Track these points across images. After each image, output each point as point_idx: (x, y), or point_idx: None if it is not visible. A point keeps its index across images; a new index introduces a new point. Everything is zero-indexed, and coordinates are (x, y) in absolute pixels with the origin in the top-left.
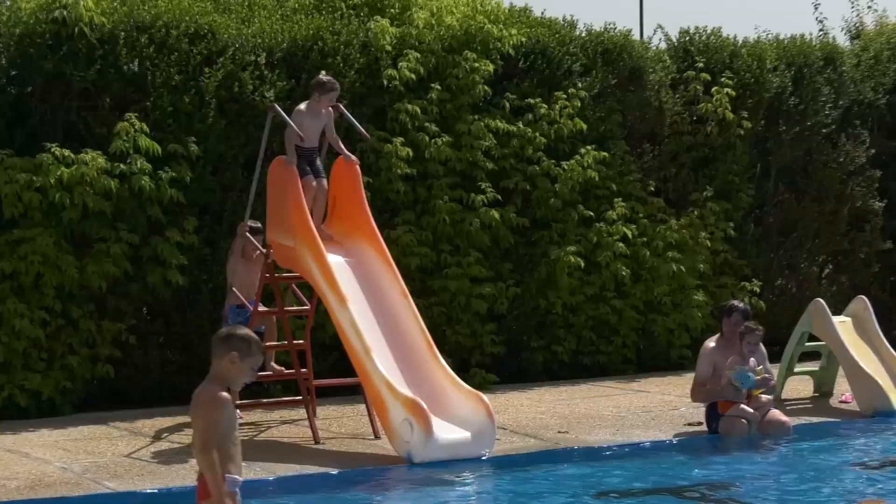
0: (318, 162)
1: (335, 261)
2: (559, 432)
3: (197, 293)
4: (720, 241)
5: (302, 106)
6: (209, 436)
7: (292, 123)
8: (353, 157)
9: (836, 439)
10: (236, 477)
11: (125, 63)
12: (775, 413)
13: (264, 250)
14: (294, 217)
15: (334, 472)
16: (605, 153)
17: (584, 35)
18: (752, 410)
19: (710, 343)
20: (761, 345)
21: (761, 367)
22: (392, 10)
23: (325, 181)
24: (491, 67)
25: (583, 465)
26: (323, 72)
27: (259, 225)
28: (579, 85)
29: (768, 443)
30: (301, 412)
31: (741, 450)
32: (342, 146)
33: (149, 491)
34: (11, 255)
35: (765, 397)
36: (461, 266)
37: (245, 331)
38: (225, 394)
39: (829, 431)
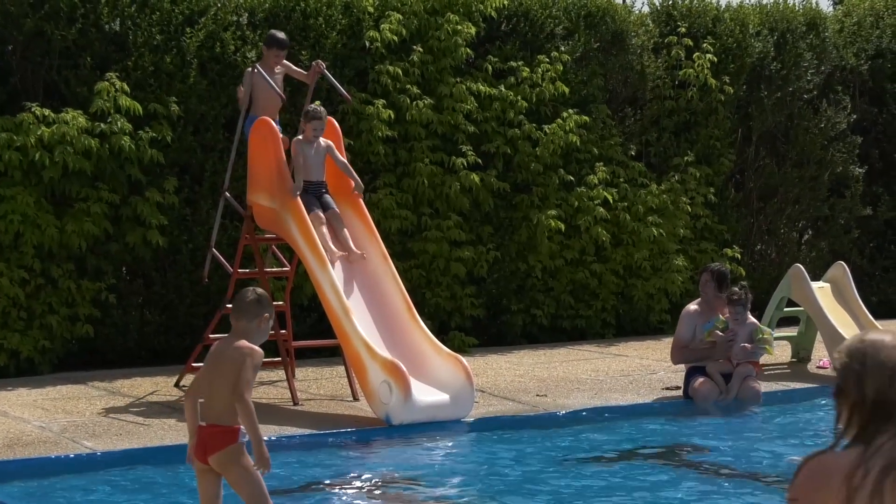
0: (327, 196)
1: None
2: (537, 395)
3: (177, 253)
4: (701, 205)
5: (300, 136)
6: (249, 384)
7: (274, 85)
8: (361, 185)
9: (813, 404)
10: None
11: (106, 22)
12: (749, 380)
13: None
14: (274, 178)
15: (312, 433)
16: (587, 117)
17: None
18: (720, 376)
19: (692, 306)
20: (750, 316)
21: (723, 318)
22: None
23: (337, 210)
24: (473, 30)
25: (561, 428)
26: (317, 103)
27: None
28: (562, 48)
29: (742, 408)
30: (280, 374)
31: (717, 415)
32: (351, 170)
33: (127, 450)
34: None
35: (744, 365)
36: (441, 229)
37: (268, 295)
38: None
39: (807, 396)
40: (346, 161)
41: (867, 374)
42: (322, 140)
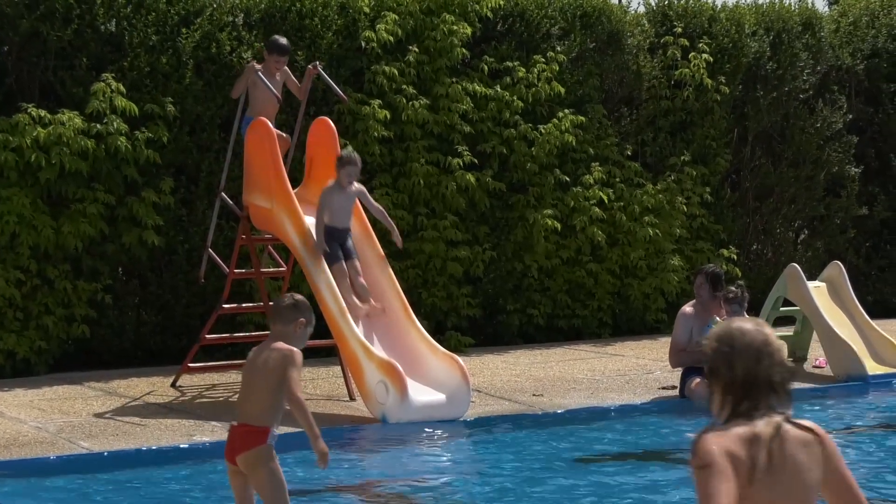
0: (350, 242)
1: (312, 222)
2: (534, 395)
3: (173, 254)
4: (697, 205)
5: (330, 182)
6: (297, 383)
7: (270, 86)
8: (399, 237)
9: (810, 404)
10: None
11: (102, 23)
12: None
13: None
14: (271, 179)
15: None
16: (583, 117)
17: None
18: None
19: (687, 308)
20: (746, 315)
21: (722, 318)
22: None
23: (357, 262)
24: (469, 30)
25: (557, 428)
26: (348, 147)
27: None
28: (557, 48)
29: None
30: None
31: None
32: (388, 218)
33: (123, 450)
34: None
35: None
36: (437, 229)
37: (306, 300)
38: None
39: (803, 396)
40: (381, 208)
41: (736, 356)
42: (354, 185)
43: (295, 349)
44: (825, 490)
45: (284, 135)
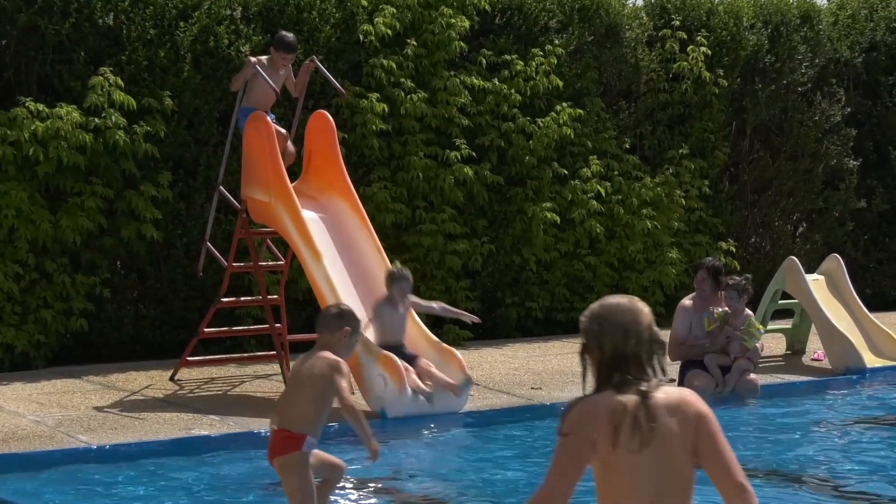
0: (407, 352)
1: (310, 216)
2: (532, 388)
3: (171, 247)
4: (695, 198)
5: (380, 298)
6: (346, 390)
7: (268, 79)
8: (472, 318)
9: (808, 397)
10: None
11: (100, 16)
12: (747, 374)
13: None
14: (269, 172)
15: None
16: (581, 110)
17: None
18: (717, 369)
19: (687, 301)
20: (746, 309)
21: (722, 310)
22: None
23: (422, 361)
24: (467, 23)
25: (555, 421)
26: (397, 262)
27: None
28: (555, 42)
29: (739, 401)
30: (275, 367)
31: (713, 407)
32: (448, 307)
33: (122, 444)
34: None
35: (743, 360)
36: (436, 222)
37: (352, 310)
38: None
39: (801, 389)
40: (437, 304)
41: (605, 334)
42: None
43: (339, 359)
44: (702, 461)
45: (283, 130)
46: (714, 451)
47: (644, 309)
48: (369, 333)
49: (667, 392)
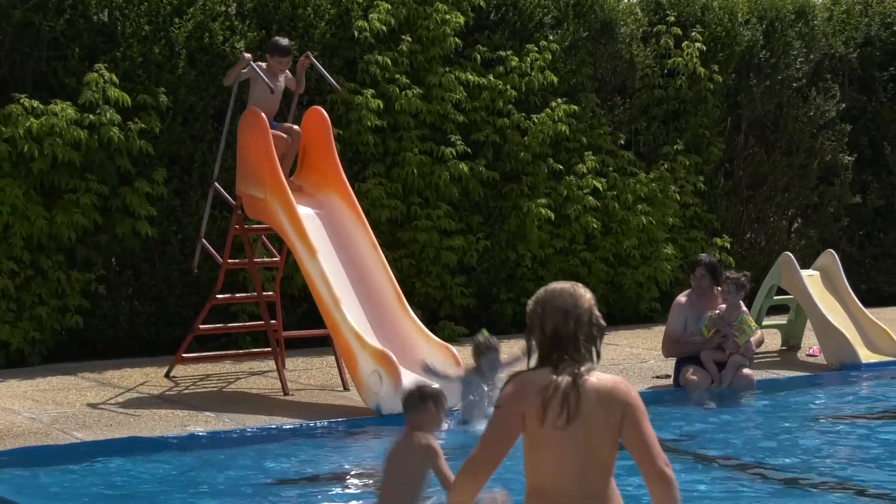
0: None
1: (305, 212)
2: None
3: (166, 244)
4: (690, 194)
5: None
6: (448, 471)
7: (263, 77)
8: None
9: (803, 392)
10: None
11: (95, 13)
12: (743, 369)
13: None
14: (264, 168)
15: (303, 423)
16: (576, 106)
17: None
18: (713, 364)
19: (682, 298)
20: (742, 304)
21: (717, 312)
22: None
23: None
24: (462, 19)
25: None
26: (486, 332)
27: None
28: (550, 37)
29: (734, 396)
30: (270, 364)
31: (708, 403)
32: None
33: (117, 440)
34: None
35: (738, 355)
36: (431, 218)
37: (432, 386)
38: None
39: (797, 384)
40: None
41: (546, 316)
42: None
43: (432, 443)
44: (626, 446)
45: (285, 136)
46: (638, 438)
47: (585, 294)
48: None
49: (599, 377)
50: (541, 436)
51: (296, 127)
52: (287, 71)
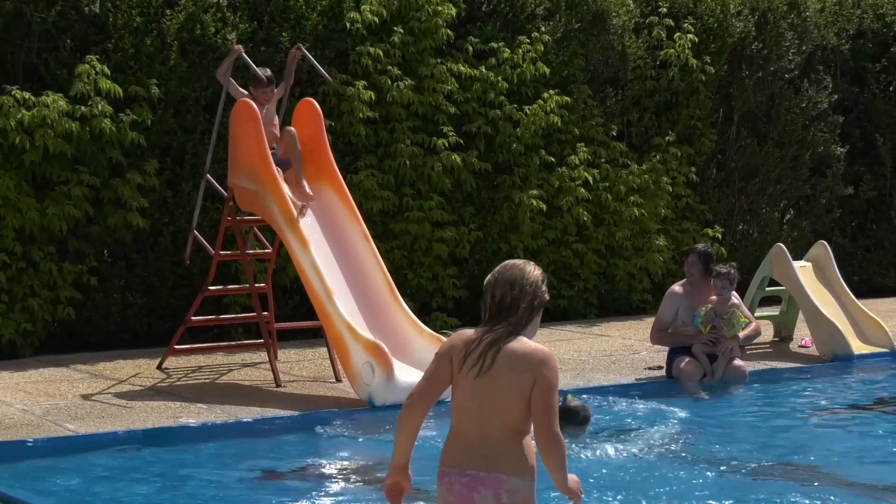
0: None
1: (297, 204)
2: None
3: (158, 236)
4: (682, 185)
5: None
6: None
7: (254, 67)
8: None
9: (796, 384)
10: None
11: (86, 4)
12: (735, 361)
13: None
14: (256, 160)
15: (295, 415)
16: (568, 98)
17: None
18: (705, 357)
19: (676, 287)
20: (735, 294)
21: (710, 306)
22: None
23: None
24: (454, 11)
25: None
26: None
27: None
28: (542, 29)
29: (726, 388)
30: (262, 355)
31: (700, 395)
32: None
33: (109, 432)
34: None
35: (730, 347)
36: (423, 210)
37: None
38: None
39: (789, 376)
40: None
41: (496, 285)
42: None
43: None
44: (531, 408)
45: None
46: (539, 404)
47: (534, 271)
48: None
49: (523, 344)
50: (458, 381)
51: (290, 129)
52: (274, 89)
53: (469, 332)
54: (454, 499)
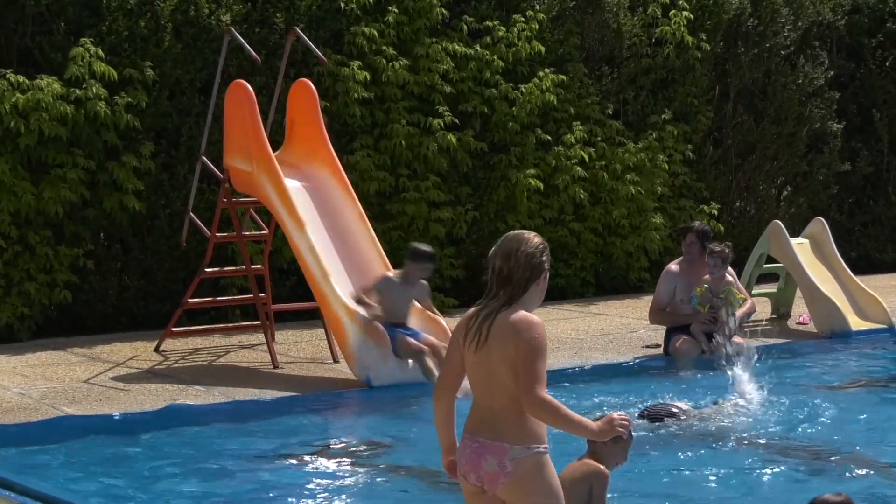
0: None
1: (293, 185)
2: None
3: (154, 218)
4: (679, 163)
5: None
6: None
7: (248, 47)
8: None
9: (794, 360)
10: None
11: None
12: (735, 337)
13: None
14: (251, 141)
15: (293, 396)
16: (564, 76)
17: None
18: (703, 335)
19: (673, 266)
20: (730, 271)
21: (705, 286)
22: None
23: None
24: None
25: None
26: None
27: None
28: (537, 7)
29: (724, 365)
30: (260, 337)
31: (698, 372)
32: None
33: (107, 415)
34: None
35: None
36: (419, 190)
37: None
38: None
39: (787, 352)
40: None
41: (497, 256)
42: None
43: (603, 469)
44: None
45: None
46: (522, 369)
47: (534, 240)
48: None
49: (514, 314)
50: (466, 357)
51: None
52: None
53: (470, 311)
54: (465, 461)
